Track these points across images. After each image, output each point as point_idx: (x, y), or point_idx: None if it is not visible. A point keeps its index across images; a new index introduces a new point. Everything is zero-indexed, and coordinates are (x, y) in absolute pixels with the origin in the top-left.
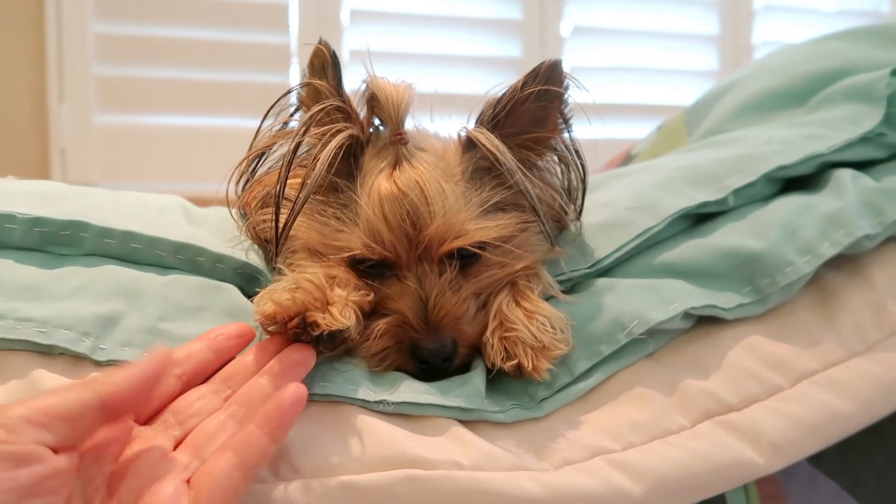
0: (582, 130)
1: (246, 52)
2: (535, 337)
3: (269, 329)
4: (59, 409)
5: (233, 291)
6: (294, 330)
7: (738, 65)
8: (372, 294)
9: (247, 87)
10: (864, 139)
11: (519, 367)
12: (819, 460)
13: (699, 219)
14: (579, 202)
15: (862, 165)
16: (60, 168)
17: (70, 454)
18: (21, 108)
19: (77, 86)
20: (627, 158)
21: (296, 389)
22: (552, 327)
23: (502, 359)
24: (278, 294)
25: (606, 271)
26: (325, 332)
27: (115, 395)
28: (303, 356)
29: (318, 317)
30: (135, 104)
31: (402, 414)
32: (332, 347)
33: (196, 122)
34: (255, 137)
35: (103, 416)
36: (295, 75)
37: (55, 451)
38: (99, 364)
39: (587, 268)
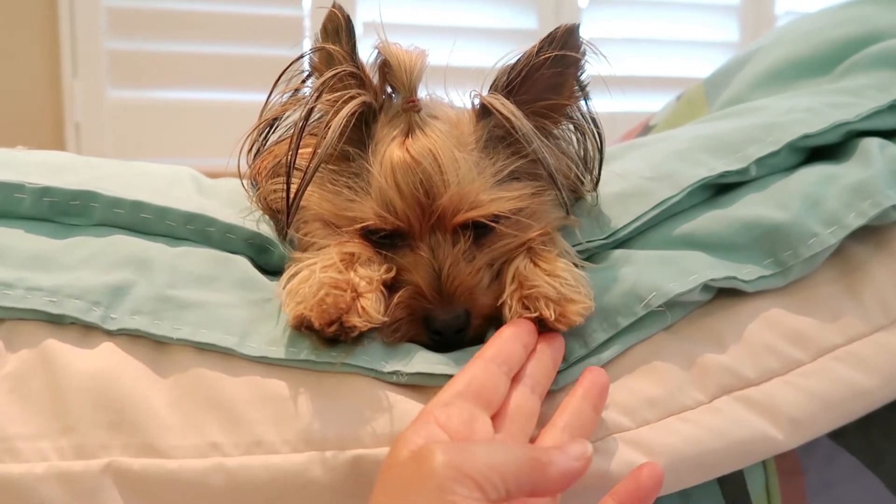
0: (599, 103)
1: (259, 26)
2: (558, 291)
3: (300, 327)
4: (509, 477)
5: (244, 262)
6: (333, 333)
7: (760, 36)
8: (394, 268)
9: (260, 61)
10: (893, 107)
11: (540, 321)
12: (840, 436)
13: (719, 190)
14: (596, 172)
15: (891, 135)
16: (75, 143)
17: None
18: (35, 83)
19: (90, 61)
20: (645, 129)
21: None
22: (574, 283)
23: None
24: (304, 296)
25: (623, 242)
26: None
27: (547, 486)
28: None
29: (356, 321)
30: (148, 79)
31: (415, 385)
32: (361, 339)
33: (209, 96)
34: (265, 106)
35: (529, 493)
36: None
37: None
38: (110, 333)
39: (603, 238)
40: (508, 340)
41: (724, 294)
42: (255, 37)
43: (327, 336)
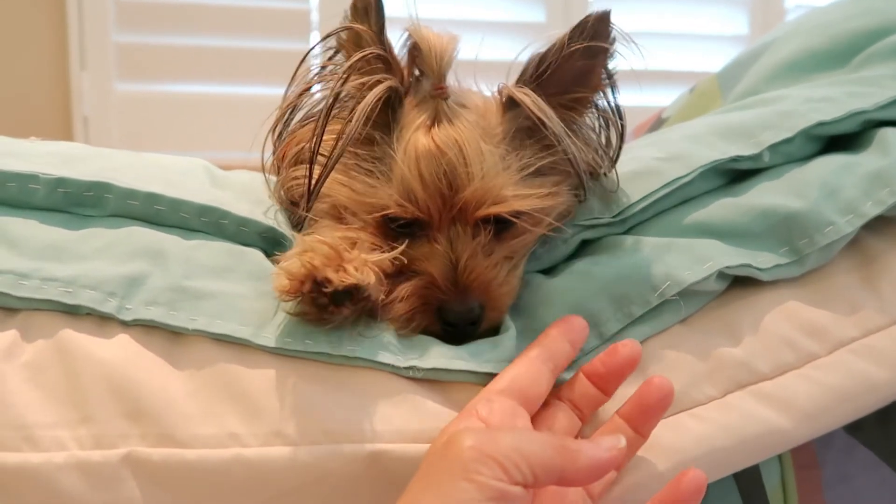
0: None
1: (266, 19)
2: None
3: (287, 299)
4: (534, 461)
5: (258, 255)
6: (310, 294)
7: (770, 30)
8: (397, 255)
9: (267, 55)
10: None
11: None
12: (857, 429)
13: (733, 179)
14: (616, 157)
15: None
16: (83, 136)
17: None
18: (43, 76)
19: (98, 54)
20: (658, 122)
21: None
22: None
23: None
24: (289, 262)
25: (636, 228)
26: (340, 289)
27: (576, 475)
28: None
29: (330, 274)
30: (156, 72)
31: (431, 380)
32: (352, 306)
33: (217, 89)
34: (287, 88)
35: (557, 479)
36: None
37: None
38: (125, 324)
39: (612, 217)
40: (555, 338)
41: (739, 285)
42: (263, 30)
43: (307, 297)
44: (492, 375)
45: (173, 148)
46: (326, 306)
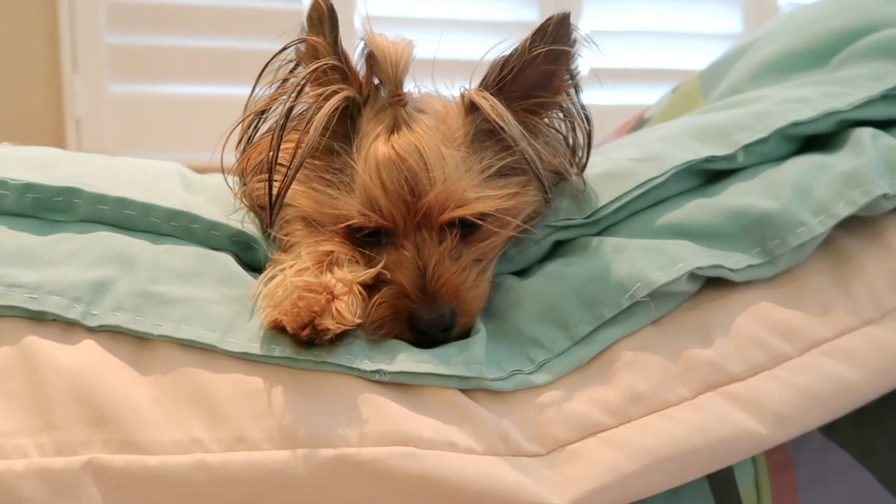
0: (598, 96)
1: (258, 20)
2: None
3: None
4: None
5: (227, 259)
6: (307, 337)
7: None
8: (373, 267)
9: (260, 55)
10: (887, 97)
11: None
12: (832, 431)
13: (709, 180)
14: (584, 161)
15: (884, 125)
16: (76, 138)
17: None
18: (35, 78)
19: (90, 55)
20: (640, 122)
21: None
22: None
23: None
24: (278, 301)
25: (609, 230)
26: (337, 332)
27: None
28: None
29: (329, 323)
30: (149, 73)
31: (399, 383)
32: (344, 338)
33: (210, 90)
34: (249, 98)
35: None
36: None
37: None
38: (91, 330)
39: (584, 218)
40: None
41: (712, 286)
42: (255, 30)
43: (302, 339)
44: (460, 378)
45: (166, 149)
46: (321, 344)
